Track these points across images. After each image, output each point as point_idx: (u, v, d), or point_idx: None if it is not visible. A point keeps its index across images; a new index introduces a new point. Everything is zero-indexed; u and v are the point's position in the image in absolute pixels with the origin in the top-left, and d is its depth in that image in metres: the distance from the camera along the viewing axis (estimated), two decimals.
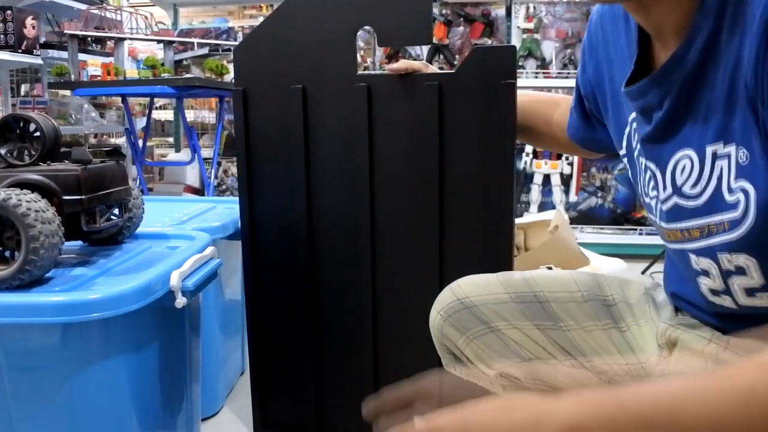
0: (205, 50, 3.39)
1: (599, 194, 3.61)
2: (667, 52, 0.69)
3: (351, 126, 1.20)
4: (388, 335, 1.24)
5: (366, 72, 1.24)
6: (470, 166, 1.16)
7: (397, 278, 1.22)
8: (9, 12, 3.11)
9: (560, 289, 0.96)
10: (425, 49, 3.60)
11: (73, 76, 3.08)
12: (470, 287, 0.98)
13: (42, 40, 3.54)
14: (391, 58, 3.68)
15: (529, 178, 3.63)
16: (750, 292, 0.70)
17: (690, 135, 0.67)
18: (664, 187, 0.72)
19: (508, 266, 1.16)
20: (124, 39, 3.30)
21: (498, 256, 1.15)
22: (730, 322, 0.78)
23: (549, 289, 0.96)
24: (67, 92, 3.54)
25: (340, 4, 1.17)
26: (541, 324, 0.93)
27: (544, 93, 1.23)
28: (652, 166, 0.74)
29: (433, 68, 1.21)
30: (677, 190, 0.70)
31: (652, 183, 0.75)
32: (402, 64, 1.19)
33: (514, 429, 0.47)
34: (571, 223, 2.88)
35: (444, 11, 3.70)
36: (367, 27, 1.17)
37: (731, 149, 0.63)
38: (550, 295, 0.95)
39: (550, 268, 1.52)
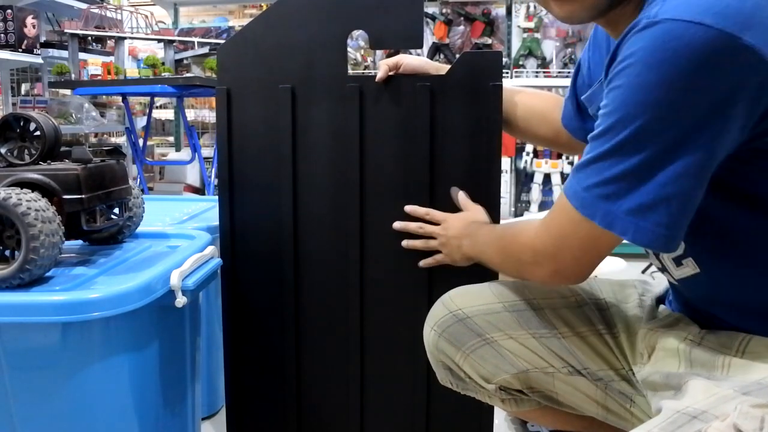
0: (205, 49, 3.38)
1: None
2: None
3: (341, 127, 1.19)
4: (375, 338, 1.24)
5: (357, 72, 1.23)
6: (459, 165, 1.17)
7: (387, 279, 1.21)
8: (9, 11, 3.11)
9: (553, 295, 0.96)
10: (425, 48, 3.60)
11: (73, 75, 3.08)
12: (462, 298, 0.97)
13: (42, 39, 3.54)
14: (391, 57, 3.67)
15: (529, 177, 3.62)
16: (677, 261, 0.78)
17: None
18: None
19: None
20: (124, 38, 3.29)
21: None
22: (684, 306, 0.85)
23: (542, 295, 0.95)
24: (68, 91, 3.54)
25: (332, 8, 1.17)
26: (536, 332, 0.93)
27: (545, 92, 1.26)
28: None
29: (410, 56, 1.21)
30: None
31: None
32: (383, 72, 1.17)
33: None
34: None
35: (444, 10, 3.69)
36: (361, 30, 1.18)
37: None
38: (544, 302, 0.95)
39: None
